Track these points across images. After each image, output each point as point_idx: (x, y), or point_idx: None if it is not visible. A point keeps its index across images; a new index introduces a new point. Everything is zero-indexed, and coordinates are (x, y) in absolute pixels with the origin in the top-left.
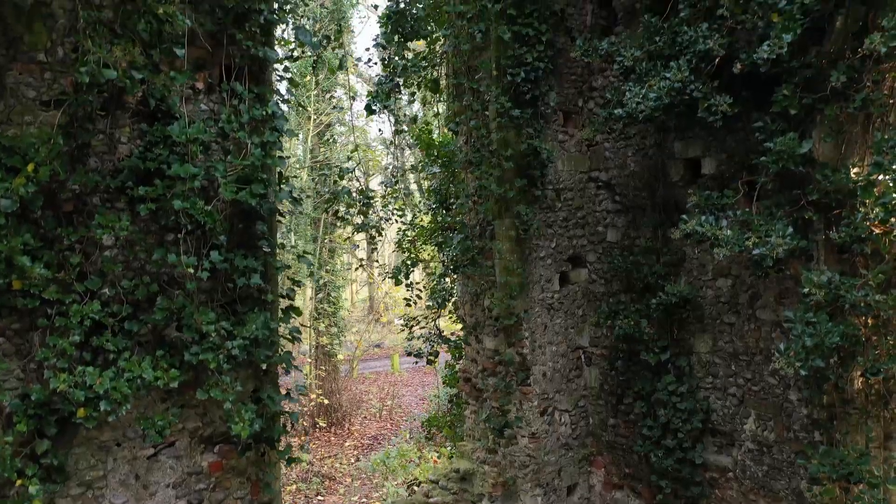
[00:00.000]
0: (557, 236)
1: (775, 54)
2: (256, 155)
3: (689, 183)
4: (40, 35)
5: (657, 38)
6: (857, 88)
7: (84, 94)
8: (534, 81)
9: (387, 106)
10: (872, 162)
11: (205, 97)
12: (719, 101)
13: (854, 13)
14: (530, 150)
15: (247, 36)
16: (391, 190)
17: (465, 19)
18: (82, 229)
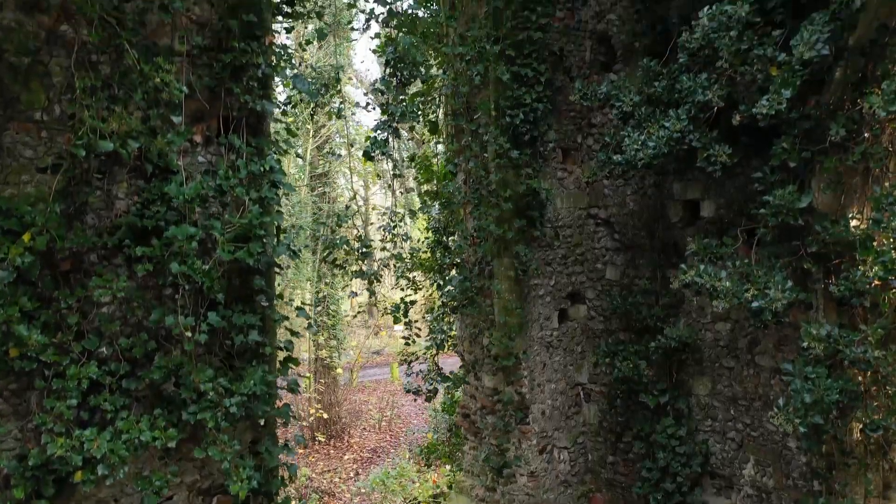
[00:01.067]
0: (556, 274)
1: (774, 110)
2: (254, 212)
3: (688, 224)
4: (37, 94)
5: (656, 84)
6: (857, 141)
7: (80, 162)
8: (533, 122)
9: (385, 152)
10: (871, 218)
11: (202, 149)
12: (718, 151)
13: (854, 64)
14: (529, 191)
15: (244, 90)
16: (391, 235)
17: (464, 61)
18: (79, 290)
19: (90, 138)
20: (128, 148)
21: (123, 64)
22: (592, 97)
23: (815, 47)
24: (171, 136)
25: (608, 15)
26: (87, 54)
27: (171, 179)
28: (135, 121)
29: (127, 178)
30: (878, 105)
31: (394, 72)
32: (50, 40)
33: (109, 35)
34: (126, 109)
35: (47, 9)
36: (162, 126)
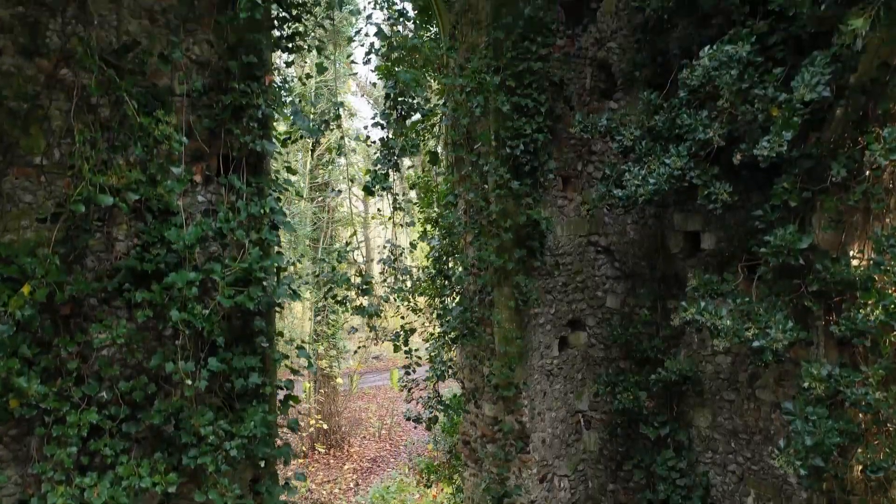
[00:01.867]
0: (557, 302)
1: (775, 152)
2: (254, 255)
3: (688, 255)
4: (37, 139)
5: (656, 117)
6: (858, 181)
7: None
8: (533, 153)
9: (385, 187)
10: (872, 260)
11: (202, 189)
12: (719, 189)
13: (854, 103)
14: (529, 222)
15: (244, 130)
16: (391, 270)
17: (464, 92)
18: (79, 335)
19: (90, 192)
20: (128, 200)
21: (122, 111)
22: (592, 129)
23: (815, 89)
24: (171, 183)
25: (608, 43)
26: (86, 98)
27: (170, 221)
28: (134, 172)
29: (126, 220)
30: (878, 152)
31: (393, 105)
32: (49, 85)
33: (108, 80)
34: (125, 160)
35: (47, 53)
36: (162, 174)
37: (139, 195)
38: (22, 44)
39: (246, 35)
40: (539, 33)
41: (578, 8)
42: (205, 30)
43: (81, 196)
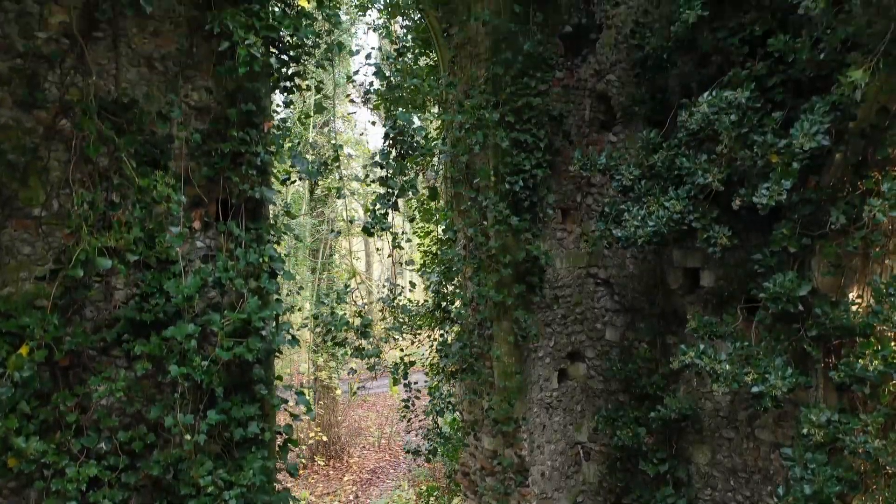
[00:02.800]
0: (556, 334)
1: (774, 201)
2: (253, 305)
3: (688, 292)
4: (36, 191)
5: (655, 156)
6: (857, 226)
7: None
8: (532, 188)
9: (384, 228)
10: (871, 308)
11: (201, 234)
12: (718, 233)
13: (854, 147)
14: (529, 258)
15: (243, 178)
16: (390, 310)
17: (463, 129)
18: (79, 387)
19: (88, 254)
20: (126, 261)
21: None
22: (591, 167)
23: (815, 138)
24: (170, 238)
25: (607, 75)
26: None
27: (169, 270)
28: (133, 231)
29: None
30: (878, 208)
31: (392, 144)
32: (48, 136)
33: (107, 134)
34: (124, 214)
35: (45, 105)
36: (161, 230)
37: (138, 255)
38: (20, 96)
39: (244, 83)
40: (538, 69)
41: (578, 39)
42: (203, 76)
43: (80, 259)
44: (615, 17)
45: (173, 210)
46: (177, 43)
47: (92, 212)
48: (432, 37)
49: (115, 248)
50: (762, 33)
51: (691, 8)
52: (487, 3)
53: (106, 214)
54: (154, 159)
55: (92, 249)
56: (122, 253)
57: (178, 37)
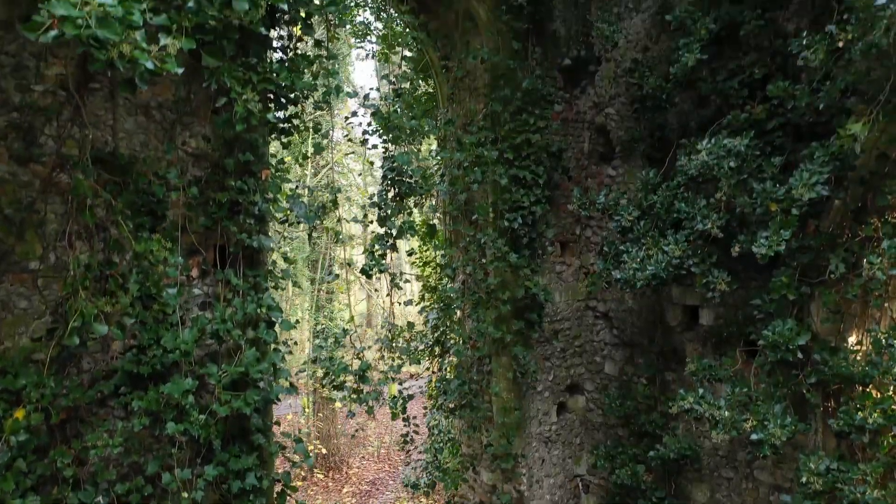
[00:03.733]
0: (555, 368)
1: (774, 251)
2: (250, 358)
3: (687, 329)
4: (32, 244)
5: (654, 197)
6: (856, 273)
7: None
8: (531, 224)
9: (383, 270)
10: (870, 360)
11: (199, 281)
12: (717, 278)
13: (853, 193)
14: (528, 295)
15: (241, 228)
16: (390, 353)
17: (462, 167)
18: (76, 442)
19: (84, 319)
20: (123, 327)
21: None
22: (590, 206)
23: (814, 188)
24: (167, 295)
25: (606, 108)
26: (82, 200)
27: (167, 321)
28: (129, 294)
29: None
30: (878, 267)
31: (391, 185)
32: (45, 189)
33: (105, 198)
34: (120, 281)
35: (42, 159)
36: (158, 288)
37: (134, 317)
38: (16, 150)
39: (242, 133)
40: (537, 105)
41: (577, 71)
42: (201, 122)
43: (76, 326)
44: (614, 51)
45: (170, 273)
46: (174, 91)
47: (88, 273)
48: (431, 68)
49: (111, 313)
50: (761, 77)
51: (690, 51)
52: (486, 41)
53: (103, 272)
54: (151, 209)
55: (88, 315)
56: (119, 316)
57: (176, 84)
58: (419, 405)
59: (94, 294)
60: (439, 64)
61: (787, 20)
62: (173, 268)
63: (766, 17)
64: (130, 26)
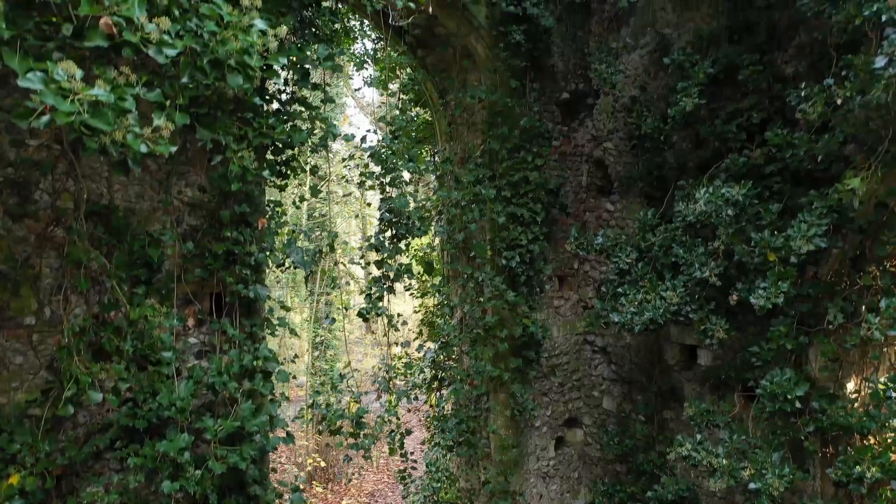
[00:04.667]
0: (553, 403)
1: (772, 303)
2: (247, 411)
3: (685, 368)
4: (27, 300)
5: (652, 238)
6: (855, 323)
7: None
8: (529, 262)
9: (380, 313)
10: (868, 411)
11: (195, 330)
12: (715, 325)
13: (852, 242)
14: (527, 335)
15: (237, 278)
16: (389, 405)
17: (460, 207)
18: (71, 500)
19: (79, 389)
20: (118, 392)
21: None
22: (588, 247)
23: (812, 241)
24: (162, 356)
25: (605, 143)
26: (76, 256)
27: (162, 373)
28: (123, 371)
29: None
30: (876, 327)
31: (388, 227)
32: (40, 243)
33: (101, 262)
34: (115, 351)
35: (36, 214)
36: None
37: (129, 383)
38: (11, 206)
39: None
40: (535, 143)
41: (575, 103)
42: (197, 172)
43: (69, 396)
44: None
45: (164, 340)
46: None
47: (83, 337)
48: (429, 100)
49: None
50: (759, 121)
51: (688, 95)
52: (484, 78)
53: (98, 334)
54: (146, 262)
55: (83, 382)
56: (115, 384)
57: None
58: (417, 436)
59: (88, 356)
60: (437, 97)
61: (785, 63)
62: (168, 332)
63: (765, 61)
64: (123, 112)
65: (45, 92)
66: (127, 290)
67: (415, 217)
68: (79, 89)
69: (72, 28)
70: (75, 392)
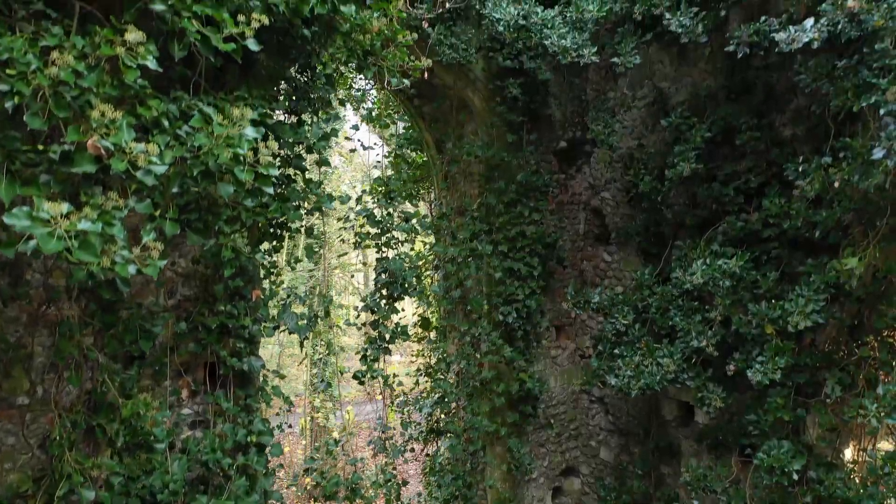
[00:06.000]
0: (550, 454)
1: (769, 379)
2: (241, 489)
3: (682, 424)
4: (20, 380)
5: (650, 299)
6: (854, 394)
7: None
8: (526, 317)
9: (375, 375)
10: (867, 489)
11: (189, 401)
12: (712, 394)
13: (849, 311)
14: (524, 391)
15: (231, 352)
16: (385, 464)
17: (456, 263)
18: None
19: (71, 486)
20: (112, 487)
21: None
22: (585, 305)
23: (810, 316)
24: (156, 447)
25: (602, 192)
26: (69, 330)
27: (156, 451)
28: (116, 454)
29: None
30: (872, 414)
31: (383, 287)
32: (32, 322)
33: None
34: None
35: (28, 295)
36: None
37: (122, 475)
38: (3, 288)
39: None
40: (532, 197)
41: (573, 151)
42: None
43: (63, 492)
44: (610, 146)
45: (157, 434)
46: None
47: (74, 430)
48: (426, 147)
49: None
50: (757, 185)
51: (685, 160)
52: (480, 132)
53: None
54: (140, 337)
55: (76, 481)
56: (108, 477)
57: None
58: (414, 487)
59: (80, 442)
60: (434, 146)
61: (783, 125)
62: (160, 426)
63: (763, 124)
64: (111, 239)
65: (32, 227)
66: (120, 366)
67: (410, 277)
68: (65, 226)
69: (59, 152)
70: (67, 490)
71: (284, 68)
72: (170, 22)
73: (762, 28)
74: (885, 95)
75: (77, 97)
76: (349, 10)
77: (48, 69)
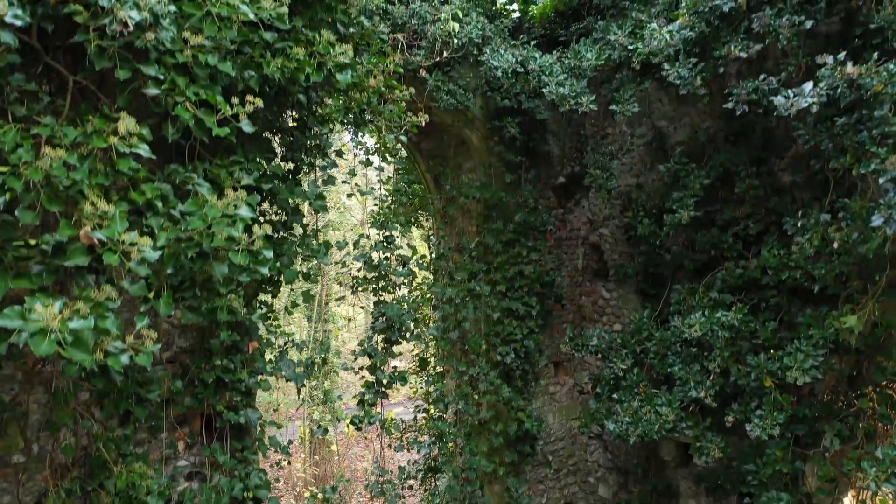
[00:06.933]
0: (549, 490)
1: (767, 435)
2: None
3: (680, 465)
4: (14, 438)
5: (648, 343)
6: (853, 446)
7: None
8: (524, 357)
9: (373, 421)
10: None
11: (185, 453)
12: (711, 444)
13: (848, 363)
14: (522, 431)
15: (227, 406)
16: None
17: (454, 304)
18: None
19: None
20: None
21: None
22: (583, 348)
23: (808, 372)
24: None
25: (601, 228)
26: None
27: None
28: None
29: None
30: (872, 477)
31: (381, 332)
32: (27, 380)
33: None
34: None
35: (23, 354)
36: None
37: None
38: None
39: None
40: (529, 237)
41: (571, 185)
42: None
43: None
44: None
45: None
46: None
47: (69, 499)
48: (423, 182)
49: None
50: (756, 233)
51: (683, 207)
52: (478, 172)
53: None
54: (135, 393)
55: None
56: None
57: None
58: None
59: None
60: (432, 182)
61: (782, 170)
62: (156, 495)
63: (762, 171)
64: (105, 332)
65: (24, 327)
66: (116, 423)
67: (408, 321)
68: (57, 326)
69: (52, 244)
70: None
71: (280, 125)
72: (163, 104)
73: (761, 87)
74: (885, 164)
75: (69, 187)
76: (345, 77)
77: (40, 161)
